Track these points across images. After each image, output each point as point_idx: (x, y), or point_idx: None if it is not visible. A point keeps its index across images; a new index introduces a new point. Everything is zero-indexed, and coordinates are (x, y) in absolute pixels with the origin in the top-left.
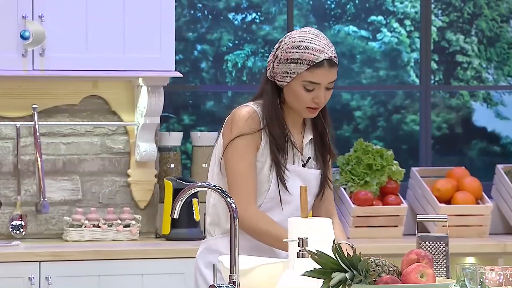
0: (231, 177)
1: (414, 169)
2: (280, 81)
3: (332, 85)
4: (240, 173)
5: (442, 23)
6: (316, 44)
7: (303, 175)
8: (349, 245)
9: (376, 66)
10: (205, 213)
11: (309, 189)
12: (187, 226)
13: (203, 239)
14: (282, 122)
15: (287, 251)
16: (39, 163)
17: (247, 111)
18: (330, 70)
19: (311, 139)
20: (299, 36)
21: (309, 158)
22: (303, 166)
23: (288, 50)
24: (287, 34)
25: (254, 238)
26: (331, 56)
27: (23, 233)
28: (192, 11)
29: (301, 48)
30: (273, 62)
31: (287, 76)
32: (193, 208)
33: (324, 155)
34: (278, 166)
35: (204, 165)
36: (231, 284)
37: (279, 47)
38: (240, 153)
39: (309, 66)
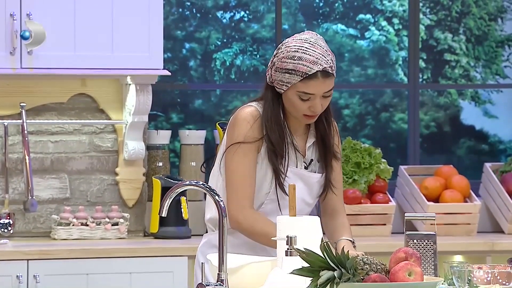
0: (229, 178)
1: (402, 167)
2: (278, 88)
3: (330, 93)
4: (239, 176)
5: (430, 21)
6: (310, 55)
7: (305, 178)
8: (350, 241)
9: (364, 64)
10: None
11: (311, 191)
12: (175, 224)
13: (190, 237)
14: (282, 127)
15: None
16: (27, 161)
17: (251, 113)
18: (325, 81)
19: (314, 141)
20: (294, 46)
21: (311, 160)
22: (306, 168)
23: (283, 59)
24: (285, 41)
25: (252, 240)
26: (325, 67)
27: (11, 231)
28: (180, 10)
29: (295, 58)
30: (271, 69)
31: (283, 85)
32: (182, 207)
33: (326, 157)
34: (277, 173)
35: (192, 163)
36: (219, 283)
37: (276, 54)
38: (241, 155)
39: (302, 78)
